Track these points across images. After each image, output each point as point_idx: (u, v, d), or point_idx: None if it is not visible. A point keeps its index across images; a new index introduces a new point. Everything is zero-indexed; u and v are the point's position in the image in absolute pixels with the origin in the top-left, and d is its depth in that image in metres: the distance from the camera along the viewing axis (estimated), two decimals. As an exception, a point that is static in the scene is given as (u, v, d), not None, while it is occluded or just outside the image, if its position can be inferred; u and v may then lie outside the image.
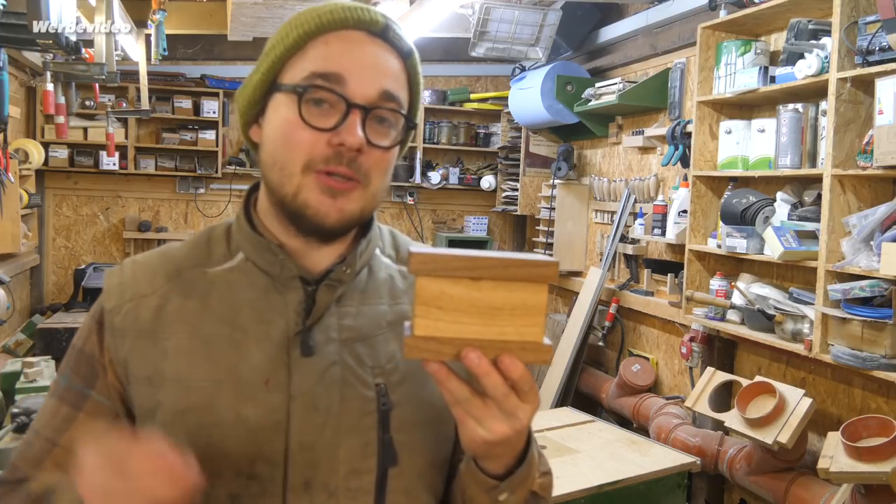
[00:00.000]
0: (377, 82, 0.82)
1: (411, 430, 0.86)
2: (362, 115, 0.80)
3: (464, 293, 0.69)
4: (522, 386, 0.71)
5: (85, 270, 4.93)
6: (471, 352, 0.69)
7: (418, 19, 3.53)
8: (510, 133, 5.37)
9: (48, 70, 3.14)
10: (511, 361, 0.70)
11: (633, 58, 4.25)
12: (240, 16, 3.65)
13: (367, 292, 0.89)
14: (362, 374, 0.85)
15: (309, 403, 0.82)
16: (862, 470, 2.21)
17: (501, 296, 0.69)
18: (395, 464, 0.84)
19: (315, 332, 0.84)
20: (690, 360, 3.43)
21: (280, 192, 0.83)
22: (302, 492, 0.81)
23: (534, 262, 0.69)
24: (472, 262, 0.69)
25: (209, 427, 0.81)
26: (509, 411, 0.72)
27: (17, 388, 2.68)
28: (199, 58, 5.32)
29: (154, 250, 0.93)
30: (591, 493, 2.47)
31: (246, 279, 0.86)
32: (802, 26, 2.74)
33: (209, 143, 5.33)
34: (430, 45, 5.36)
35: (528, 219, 5.67)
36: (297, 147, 0.81)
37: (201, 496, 0.77)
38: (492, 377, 0.70)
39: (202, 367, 0.82)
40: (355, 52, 0.82)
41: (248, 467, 0.81)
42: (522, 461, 0.80)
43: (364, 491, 0.83)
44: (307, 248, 0.87)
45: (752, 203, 2.96)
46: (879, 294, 2.34)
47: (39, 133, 4.96)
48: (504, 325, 0.70)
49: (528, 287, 0.70)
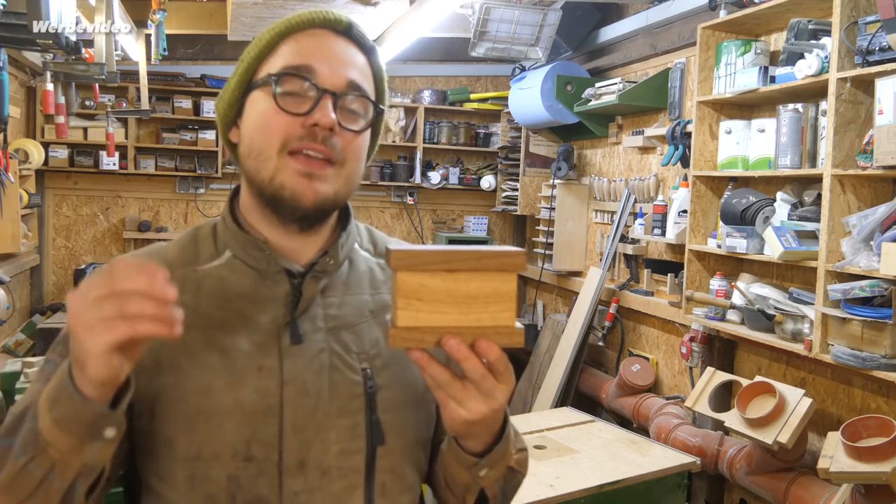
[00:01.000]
0: (344, 72, 0.89)
1: (396, 411, 0.91)
2: (333, 100, 0.87)
3: (441, 285, 0.74)
4: (499, 367, 0.77)
5: (85, 270, 4.93)
6: (450, 338, 0.74)
7: (418, 19, 3.53)
8: (510, 133, 5.37)
9: (48, 70, 3.13)
10: (487, 345, 0.75)
11: (633, 58, 4.24)
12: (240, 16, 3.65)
13: (349, 283, 0.95)
14: (349, 359, 0.90)
15: (301, 388, 0.87)
16: (862, 470, 2.21)
17: (476, 286, 0.75)
18: (382, 443, 0.89)
19: (303, 322, 0.89)
20: (690, 360, 3.43)
21: (258, 178, 0.88)
22: (296, 471, 0.86)
23: (504, 253, 0.76)
24: (447, 256, 0.74)
25: (207, 412, 0.85)
26: (487, 392, 0.77)
27: (17, 388, 2.68)
28: (199, 58, 5.32)
29: (142, 249, 0.99)
30: (591, 493, 2.47)
31: (234, 275, 0.91)
32: (802, 26, 2.74)
33: (209, 143, 5.33)
34: (430, 45, 5.36)
35: (528, 219, 5.67)
36: (273, 131, 0.86)
37: (201, 479, 0.83)
38: (471, 360, 0.75)
39: (198, 356, 0.86)
40: (323, 47, 0.90)
41: (245, 449, 0.85)
42: (500, 439, 0.86)
43: (354, 469, 0.88)
44: (291, 242, 0.92)
45: (752, 203, 2.96)
46: (879, 294, 2.34)
47: (39, 133, 4.96)
48: (479, 312, 0.75)
49: (500, 276, 0.76)
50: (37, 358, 2.92)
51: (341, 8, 3.46)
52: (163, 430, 0.85)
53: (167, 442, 0.85)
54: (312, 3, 3.44)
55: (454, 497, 0.93)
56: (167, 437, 0.85)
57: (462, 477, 0.88)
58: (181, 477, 0.85)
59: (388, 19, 3.79)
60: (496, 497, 0.91)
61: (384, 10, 3.58)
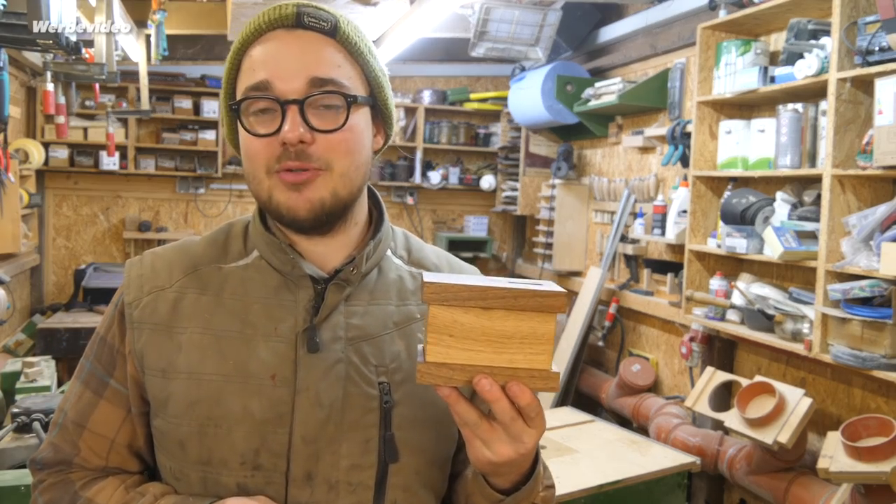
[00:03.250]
0: (302, 74, 0.83)
1: (412, 428, 0.88)
2: (299, 109, 0.83)
3: (475, 322, 0.72)
4: (529, 412, 0.74)
5: (85, 270, 4.93)
6: (483, 378, 0.72)
7: (418, 19, 3.53)
8: (510, 133, 5.38)
9: (48, 70, 3.13)
10: (520, 389, 0.73)
11: (633, 58, 4.24)
12: (240, 16, 3.65)
13: (375, 292, 0.92)
14: (366, 372, 0.87)
15: (313, 399, 0.85)
16: (862, 470, 2.21)
17: (511, 325, 0.72)
18: (395, 460, 0.86)
19: (322, 330, 0.87)
20: (690, 360, 3.43)
21: (259, 199, 0.88)
22: (304, 483, 0.84)
23: (542, 293, 0.72)
24: (482, 293, 0.71)
25: (217, 418, 0.84)
26: (515, 435, 0.75)
27: (17, 388, 2.68)
28: (199, 58, 5.31)
29: (173, 243, 0.97)
30: (591, 493, 2.47)
31: (259, 276, 0.90)
32: (802, 26, 2.74)
33: (209, 143, 5.33)
34: (430, 45, 5.36)
35: (527, 219, 5.67)
36: (254, 157, 0.85)
37: (212, 483, 0.85)
38: (501, 403, 0.73)
39: (213, 361, 0.86)
40: (275, 52, 0.85)
41: (254, 458, 0.84)
42: (528, 479, 0.84)
43: (364, 486, 0.86)
44: (315, 247, 0.90)
45: (752, 203, 2.96)
46: (879, 294, 2.34)
47: (39, 133, 4.96)
48: (514, 352, 0.73)
49: (537, 316, 0.72)
50: (37, 358, 2.91)
51: (341, 8, 3.46)
52: (176, 432, 0.86)
53: (180, 444, 0.86)
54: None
55: None
56: (180, 440, 0.86)
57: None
58: (195, 479, 0.86)
59: (388, 19, 3.79)
60: None
61: (384, 10, 3.58)
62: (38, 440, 2.14)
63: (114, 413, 0.90)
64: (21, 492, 1.91)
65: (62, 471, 0.91)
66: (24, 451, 2.12)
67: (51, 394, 2.52)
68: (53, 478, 0.91)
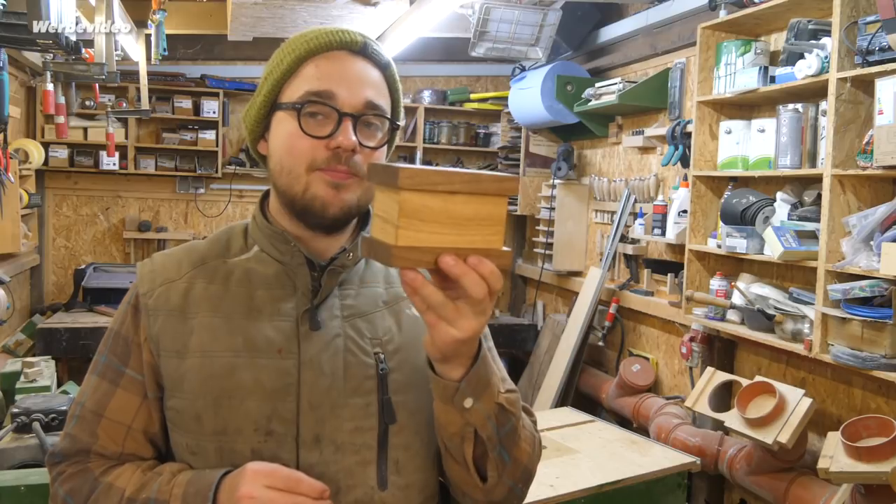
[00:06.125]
0: (362, 94, 0.97)
1: (407, 392, 0.98)
2: (353, 122, 0.95)
3: (441, 206, 0.76)
4: (494, 282, 0.79)
5: (85, 270, 4.92)
6: (446, 256, 0.77)
7: (418, 19, 3.53)
8: (510, 133, 5.37)
9: (48, 70, 3.13)
10: (479, 259, 0.78)
11: (633, 58, 4.24)
12: (240, 16, 3.66)
13: (365, 277, 1.04)
14: (363, 343, 0.98)
15: (317, 369, 0.95)
16: (862, 470, 2.21)
17: (472, 208, 0.77)
18: (394, 421, 0.96)
19: (321, 311, 0.98)
20: (690, 360, 3.43)
21: (290, 192, 0.97)
22: (312, 446, 0.94)
23: (500, 178, 0.78)
24: (449, 177, 0.76)
25: (231, 391, 0.94)
26: (483, 309, 0.81)
27: (17, 388, 2.68)
28: (199, 58, 5.32)
29: (178, 246, 1.08)
30: (591, 493, 2.47)
31: (261, 267, 1.01)
32: (802, 26, 2.74)
33: (209, 143, 5.33)
34: (430, 45, 5.36)
35: (528, 219, 5.67)
36: (299, 154, 0.96)
37: (228, 452, 0.93)
38: (470, 276, 0.78)
39: (223, 339, 0.96)
40: (341, 70, 0.98)
41: (266, 425, 0.93)
42: (477, 358, 0.89)
43: (367, 446, 0.96)
44: (315, 243, 1.01)
45: (752, 203, 2.96)
46: (879, 294, 2.34)
47: (39, 133, 4.96)
48: (473, 234, 0.78)
49: (493, 200, 0.78)
50: (37, 358, 2.92)
51: (341, 8, 3.46)
52: (192, 407, 0.94)
53: (196, 418, 0.94)
54: (312, 4, 3.44)
55: (456, 463, 0.95)
56: (196, 414, 0.94)
57: (452, 422, 0.90)
58: (211, 450, 0.94)
59: (388, 19, 3.79)
60: (492, 439, 0.92)
61: (384, 10, 3.59)
62: (38, 440, 2.14)
63: (130, 400, 0.98)
64: (21, 492, 1.91)
65: (80, 461, 0.98)
66: (24, 451, 2.12)
67: (51, 394, 2.52)
68: (73, 468, 0.97)
